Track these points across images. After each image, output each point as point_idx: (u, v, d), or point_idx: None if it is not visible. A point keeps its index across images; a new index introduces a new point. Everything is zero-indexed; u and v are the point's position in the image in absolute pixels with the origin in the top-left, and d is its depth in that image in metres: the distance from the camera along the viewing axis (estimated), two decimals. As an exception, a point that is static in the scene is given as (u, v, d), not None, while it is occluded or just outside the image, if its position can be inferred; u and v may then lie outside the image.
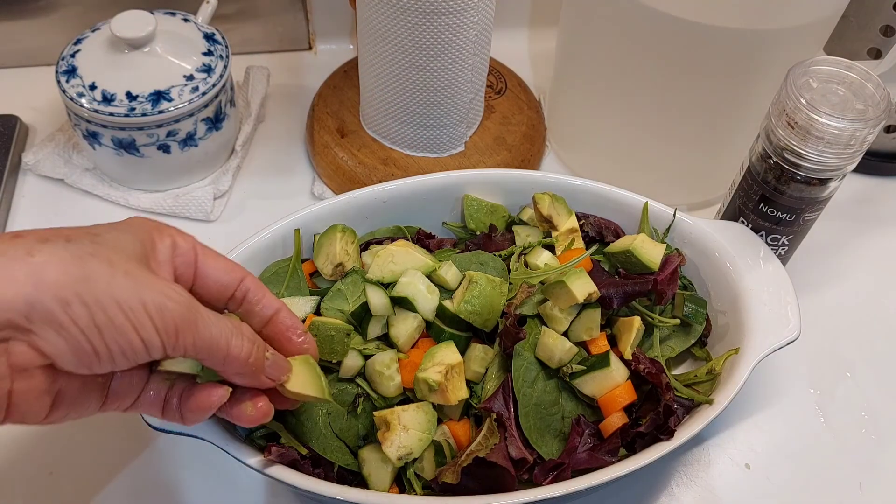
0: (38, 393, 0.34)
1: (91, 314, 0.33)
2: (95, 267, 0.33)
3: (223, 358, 0.38)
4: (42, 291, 0.32)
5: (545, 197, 0.56)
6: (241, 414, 0.41)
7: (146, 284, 0.35)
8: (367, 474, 0.46)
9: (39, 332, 0.32)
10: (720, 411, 0.47)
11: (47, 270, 0.32)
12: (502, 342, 0.49)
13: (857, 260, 0.69)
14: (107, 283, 0.33)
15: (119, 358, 0.34)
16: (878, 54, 0.73)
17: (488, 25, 0.63)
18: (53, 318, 0.32)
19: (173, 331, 0.35)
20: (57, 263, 0.33)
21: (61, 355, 0.33)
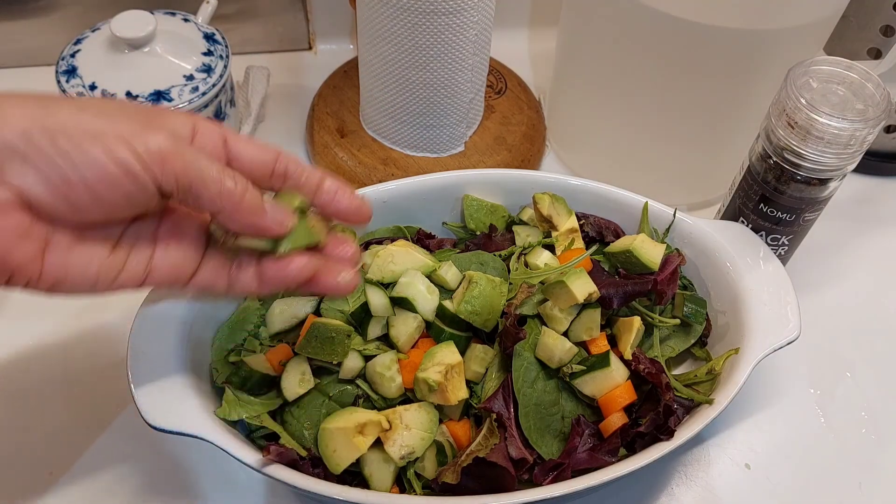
0: (17, 234, 0.33)
1: (54, 142, 0.32)
2: (61, 103, 0.33)
3: (218, 192, 0.36)
4: (3, 125, 0.32)
5: (545, 197, 0.56)
6: (330, 283, 0.40)
7: (127, 121, 0.34)
8: (369, 475, 0.46)
9: (6, 166, 0.32)
10: (720, 411, 0.47)
11: (7, 107, 0.32)
12: (502, 342, 0.49)
13: (857, 260, 0.69)
14: (74, 115, 0.33)
15: (101, 188, 0.33)
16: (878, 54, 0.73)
17: (488, 25, 0.63)
18: (17, 149, 0.32)
19: (158, 159, 0.34)
20: (18, 102, 0.33)
21: (31, 187, 0.33)
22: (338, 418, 0.46)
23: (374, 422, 0.46)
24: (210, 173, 0.36)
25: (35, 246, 0.34)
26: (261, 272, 0.40)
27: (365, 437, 0.45)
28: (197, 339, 0.49)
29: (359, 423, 0.45)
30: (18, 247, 0.34)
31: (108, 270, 0.37)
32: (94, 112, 0.34)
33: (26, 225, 0.34)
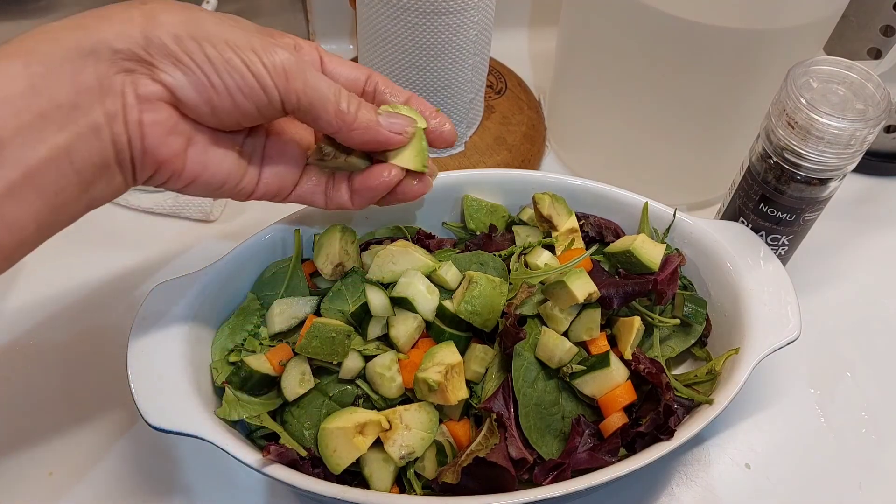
0: (167, 129, 0.38)
1: (202, 48, 0.36)
2: (204, 15, 0.37)
3: (335, 112, 0.41)
4: (156, 27, 0.36)
5: (545, 197, 0.56)
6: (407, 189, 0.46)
7: (258, 37, 0.38)
8: (369, 475, 0.46)
9: (159, 64, 0.36)
10: (720, 411, 0.47)
11: (159, 13, 0.36)
12: (502, 342, 0.49)
13: (857, 260, 0.69)
14: (216, 25, 0.37)
15: (238, 96, 0.38)
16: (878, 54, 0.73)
17: (488, 25, 0.63)
18: (169, 50, 0.36)
19: (282, 74, 0.38)
20: (168, 9, 0.36)
21: (181, 87, 0.37)
22: (338, 418, 0.46)
23: (374, 422, 0.46)
24: (328, 95, 0.40)
25: (180, 142, 0.38)
26: (352, 186, 0.46)
27: (365, 437, 0.45)
28: (197, 339, 0.49)
29: (359, 423, 0.45)
30: (166, 142, 0.38)
31: (234, 174, 0.42)
32: (230, 24, 0.38)
33: (174, 121, 0.38)
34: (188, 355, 0.48)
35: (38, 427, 0.55)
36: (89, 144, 0.36)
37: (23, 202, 0.34)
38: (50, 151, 0.34)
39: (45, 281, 0.64)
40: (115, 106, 0.36)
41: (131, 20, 0.36)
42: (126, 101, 0.36)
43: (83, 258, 0.65)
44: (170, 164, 0.39)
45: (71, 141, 0.35)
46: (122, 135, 0.37)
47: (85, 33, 0.35)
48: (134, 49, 0.36)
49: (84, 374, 0.58)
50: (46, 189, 0.35)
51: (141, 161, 0.38)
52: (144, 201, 0.69)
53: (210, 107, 0.38)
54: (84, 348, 0.59)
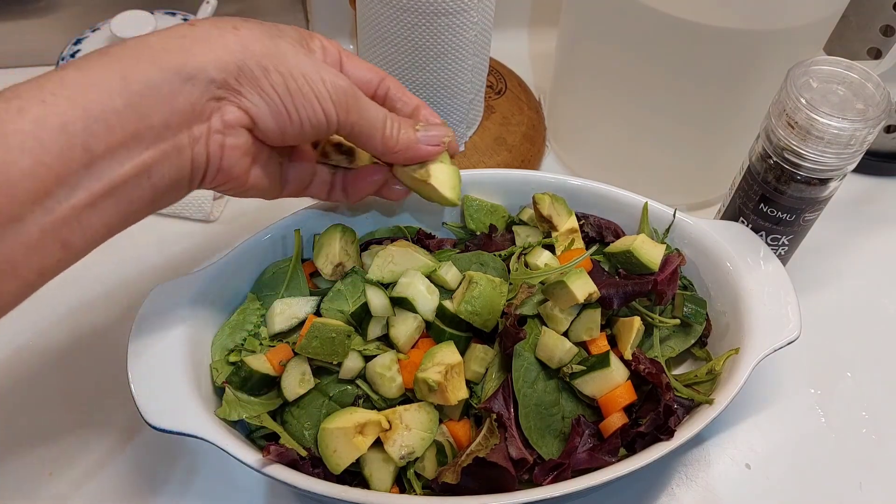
0: (242, 151, 0.41)
1: (285, 81, 0.40)
2: (285, 45, 0.40)
3: (381, 138, 0.45)
4: (249, 57, 0.39)
5: (545, 197, 0.56)
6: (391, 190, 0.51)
7: (322, 65, 0.42)
8: (369, 475, 0.46)
9: (246, 94, 0.39)
10: (720, 411, 0.47)
11: (251, 42, 0.39)
12: (502, 342, 0.49)
13: (857, 260, 0.69)
14: (294, 58, 0.40)
15: (306, 125, 0.41)
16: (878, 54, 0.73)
17: (488, 25, 0.63)
18: (257, 82, 0.39)
19: (344, 107, 0.42)
20: (258, 37, 0.39)
21: (263, 117, 0.40)
22: (338, 418, 0.46)
23: (374, 422, 0.46)
24: (377, 124, 0.44)
25: (248, 161, 0.42)
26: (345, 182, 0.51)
27: (365, 437, 0.45)
28: (197, 339, 0.49)
29: (359, 423, 0.45)
30: (240, 162, 0.41)
31: (276, 182, 0.46)
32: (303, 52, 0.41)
33: (249, 144, 0.41)
34: (188, 355, 0.48)
35: (38, 427, 0.55)
36: (170, 163, 0.38)
37: (101, 212, 0.36)
38: (135, 168, 0.37)
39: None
40: (201, 130, 0.39)
41: (227, 47, 0.38)
42: (212, 126, 0.39)
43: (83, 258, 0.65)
44: (236, 181, 0.42)
45: (155, 159, 0.37)
46: (202, 155, 0.39)
47: (185, 58, 0.37)
48: (228, 79, 0.38)
49: (84, 374, 0.58)
50: (123, 200, 0.37)
51: (213, 176, 0.41)
52: (144, 201, 0.69)
53: (281, 132, 0.41)
54: (84, 348, 0.59)
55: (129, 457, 0.54)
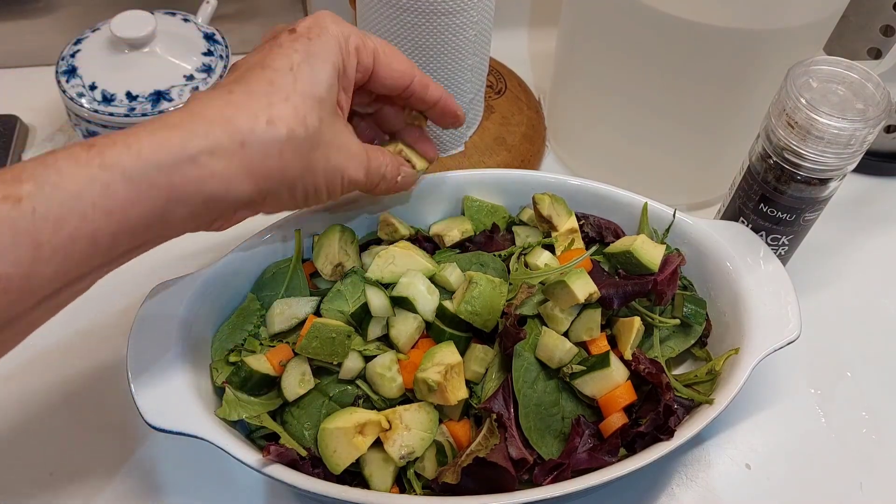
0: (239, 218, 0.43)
1: (306, 192, 0.42)
2: (316, 159, 0.41)
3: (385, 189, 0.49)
4: (281, 184, 0.40)
5: (545, 197, 0.56)
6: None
7: (347, 157, 0.44)
8: (369, 475, 0.46)
9: (266, 205, 0.42)
10: (720, 411, 0.47)
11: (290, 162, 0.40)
12: (502, 342, 0.49)
13: (857, 260, 0.69)
14: (322, 168, 0.42)
15: (303, 205, 0.44)
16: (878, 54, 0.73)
17: (488, 25, 0.63)
18: (280, 198, 0.42)
19: (350, 189, 0.46)
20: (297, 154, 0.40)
21: (272, 210, 0.43)
22: (338, 418, 0.46)
23: (373, 422, 0.46)
24: (385, 183, 0.49)
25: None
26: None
27: (365, 437, 0.45)
28: (197, 339, 0.49)
29: (359, 423, 0.45)
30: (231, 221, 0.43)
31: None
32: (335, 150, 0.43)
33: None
34: (188, 355, 0.48)
35: (38, 427, 0.55)
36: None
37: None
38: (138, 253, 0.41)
39: (45, 281, 0.64)
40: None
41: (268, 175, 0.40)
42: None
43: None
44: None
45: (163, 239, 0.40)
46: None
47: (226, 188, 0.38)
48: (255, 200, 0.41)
49: (84, 374, 0.58)
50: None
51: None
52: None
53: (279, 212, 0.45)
54: (84, 348, 0.59)
55: (129, 457, 0.54)
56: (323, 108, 0.41)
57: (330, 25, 0.43)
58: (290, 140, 0.39)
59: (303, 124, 0.40)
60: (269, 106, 0.39)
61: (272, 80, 0.40)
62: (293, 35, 0.42)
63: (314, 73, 0.41)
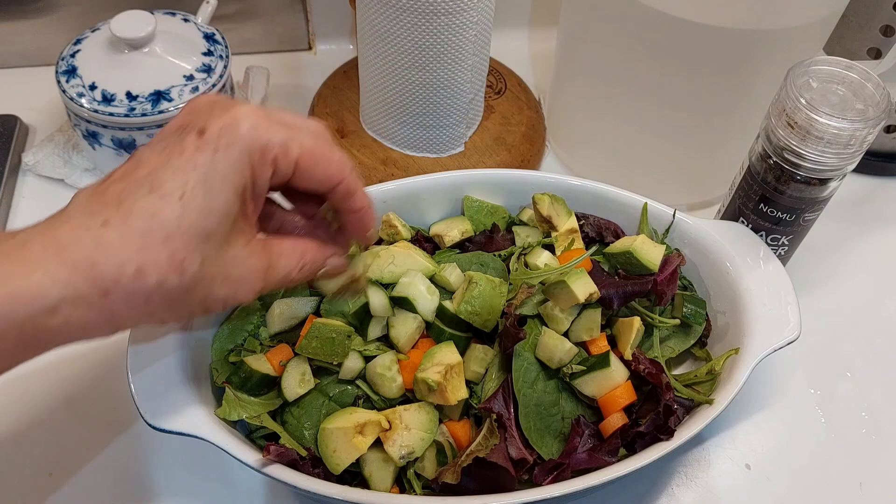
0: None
1: (175, 317, 0.37)
2: (192, 299, 0.36)
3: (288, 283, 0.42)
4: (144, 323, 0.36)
5: (545, 197, 0.56)
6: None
7: (236, 285, 0.38)
8: (369, 475, 0.46)
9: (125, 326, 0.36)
10: (720, 411, 0.47)
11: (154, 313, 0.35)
12: (502, 342, 0.49)
13: (857, 260, 0.69)
14: (199, 303, 0.37)
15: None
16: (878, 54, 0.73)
17: (488, 25, 0.63)
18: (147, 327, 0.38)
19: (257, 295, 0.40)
20: (159, 307, 0.35)
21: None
22: (338, 418, 0.46)
23: (373, 422, 0.46)
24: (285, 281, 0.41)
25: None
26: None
27: (365, 437, 0.45)
28: (197, 339, 0.49)
29: (359, 423, 0.45)
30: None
31: None
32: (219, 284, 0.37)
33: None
34: (188, 355, 0.48)
35: (38, 427, 0.55)
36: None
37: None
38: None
39: (45, 281, 0.64)
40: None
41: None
42: None
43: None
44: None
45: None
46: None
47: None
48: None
49: (84, 374, 0.58)
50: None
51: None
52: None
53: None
54: (84, 348, 0.59)
55: (130, 457, 0.54)
56: (210, 243, 0.35)
57: (244, 132, 0.36)
58: (160, 289, 0.34)
59: (178, 271, 0.34)
60: (142, 249, 0.34)
61: (155, 211, 0.34)
62: (200, 140, 0.35)
63: (209, 199, 0.35)
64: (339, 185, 0.40)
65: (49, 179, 0.71)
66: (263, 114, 0.37)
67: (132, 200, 0.34)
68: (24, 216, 0.69)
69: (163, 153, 0.36)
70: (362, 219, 0.43)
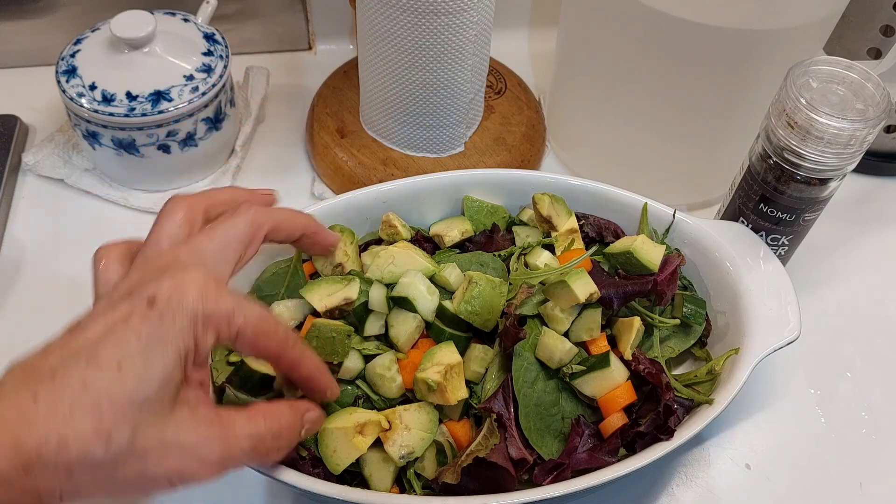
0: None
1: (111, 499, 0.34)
2: (124, 475, 0.34)
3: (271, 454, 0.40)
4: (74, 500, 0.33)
5: (545, 197, 0.56)
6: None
7: (180, 458, 0.35)
8: (369, 475, 0.46)
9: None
10: (720, 411, 0.47)
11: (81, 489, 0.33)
12: (502, 342, 0.49)
13: (857, 260, 0.69)
14: (136, 481, 0.34)
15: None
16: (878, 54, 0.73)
17: (488, 25, 0.63)
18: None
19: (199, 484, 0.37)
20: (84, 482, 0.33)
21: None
22: (337, 418, 0.46)
23: (373, 422, 0.46)
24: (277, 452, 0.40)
25: None
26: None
27: (365, 437, 0.45)
28: (197, 340, 0.49)
29: (358, 423, 0.45)
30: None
31: None
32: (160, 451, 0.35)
33: None
34: (188, 355, 0.48)
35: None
36: None
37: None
38: None
39: (44, 281, 0.64)
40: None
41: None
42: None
43: (83, 258, 0.64)
44: None
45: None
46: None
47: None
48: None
49: (84, 374, 0.58)
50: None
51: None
52: (144, 201, 0.69)
53: None
54: (84, 348, 0.59)
55: (129, 457, 0.54)
56: (145, 412, 0.34)
57: (192, 302, 0.35)
58: (83, 461, 0.32)
59: (103, 441, 0.32)
60: (67, 419, 0.32)
61: (87, 381, 0.32)
62: (148, 310, 0.34)
63: (147, 367, 0.33)
64: (281, 358, 0.40)
65: (49, 179, 0.71)
66: (213, 283, 0.36)
67: (67, 372, 0.33)
68: (24, 216, 0.69)
69: (107, 322, 0.35)
70: (316, 384, 0.43)
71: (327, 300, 0.49)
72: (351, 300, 0.49)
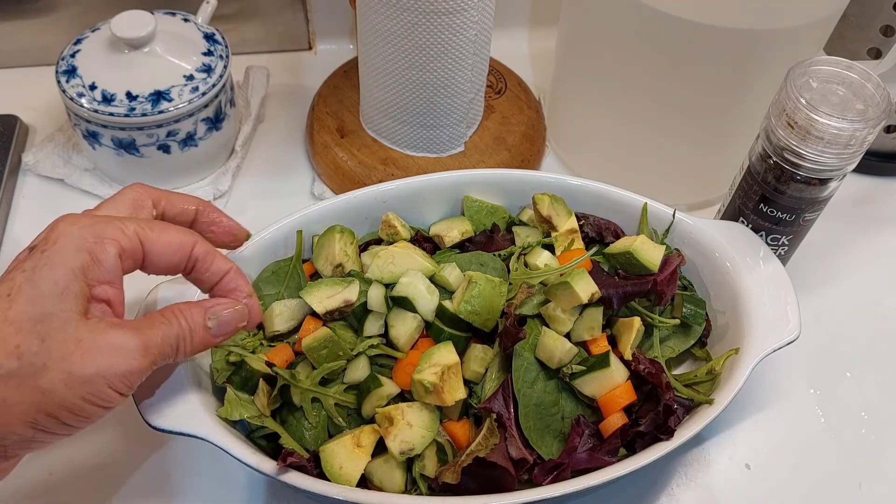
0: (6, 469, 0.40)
1: (58, 418, 0.37)
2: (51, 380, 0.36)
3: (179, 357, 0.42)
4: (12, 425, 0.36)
5: (545, 197, 0.56)
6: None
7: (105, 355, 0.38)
8: (379, 483, 0.46)
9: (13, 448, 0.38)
10: (720, 411, 0.47)
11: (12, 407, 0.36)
12: (502, 342, 0.49)
13: (857, 260, 0.69)
14: (65, 385, 0.37)
15: (85, 424, 0.39)
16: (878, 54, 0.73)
17: (488, 25, 0.63)
18: (24, 439, 0.37)
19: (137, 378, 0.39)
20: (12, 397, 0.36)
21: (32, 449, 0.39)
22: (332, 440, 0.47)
23: (367, 430, 0.46)
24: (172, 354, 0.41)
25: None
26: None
27: (364, 446, 0.46)
28: (197, 340, 0.49)
29: (353, 434, 0.46)
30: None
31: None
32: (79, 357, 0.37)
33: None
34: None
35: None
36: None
37: None
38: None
39: (45, 281, 0.64)
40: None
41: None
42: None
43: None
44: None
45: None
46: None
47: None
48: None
49: (84, 374, 0.58)
50: None
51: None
52: (144, 201, 0.69)
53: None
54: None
55: (129, 457, 0.54)
56: (49, 323, 0.36)
57: (69, 228, 0.39)
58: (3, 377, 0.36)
59: (13, 355, 0.36)
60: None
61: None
62: (30, 253, 0.39)
63: (38, 286, 0.37)
64: (193, 249, 0.43)
65: (49, 179, 0.71)
66: (88, 215, 0.41)
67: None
68: (24, 216, 0.69)
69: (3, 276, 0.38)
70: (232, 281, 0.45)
71: (327, 302, 0.49)
72: (350, 302, 0.49)
